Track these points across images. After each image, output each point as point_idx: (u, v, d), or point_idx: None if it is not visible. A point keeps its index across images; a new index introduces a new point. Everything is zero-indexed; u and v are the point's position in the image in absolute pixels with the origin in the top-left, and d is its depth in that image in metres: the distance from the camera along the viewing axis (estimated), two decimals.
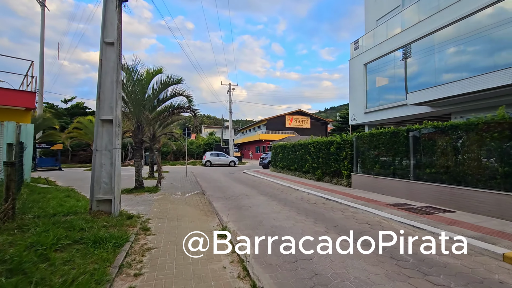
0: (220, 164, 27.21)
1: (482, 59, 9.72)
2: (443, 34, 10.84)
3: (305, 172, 13.91)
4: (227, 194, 9.58)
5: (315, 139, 13.00)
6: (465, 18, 9.98)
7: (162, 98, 9.84)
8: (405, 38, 12.58)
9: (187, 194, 8.85)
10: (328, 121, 46.97)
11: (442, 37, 10.88)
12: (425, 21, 11.51)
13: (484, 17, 9.47)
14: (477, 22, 9.64)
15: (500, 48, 9.20)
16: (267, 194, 9.47)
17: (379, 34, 14.76)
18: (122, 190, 9.16)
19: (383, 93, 14.43)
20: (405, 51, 12.64)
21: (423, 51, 11.79)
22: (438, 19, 10.89)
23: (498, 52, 9.27)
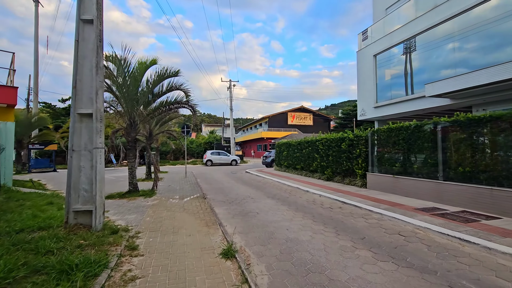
0: (222, 163, 26.33)
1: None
2: (469, 17, 9.87)
3: (313, 172, 13.00)
4: (230, 197, 8.68)
5: (323, 136, 12.08)
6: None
7: (157, 92, 8.92)
8: (419, 25, 11.60)
9: (186, 198, 7.95)
10: (331, 118, 46.02)
11: (465, 22, 9.88)
12: (443, 6, 10.53)
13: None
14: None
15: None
16: (274, 197, 8.57)
17: (390, 23, 13.79)
18: (114, 194, 8.29)
19: (395, 86, 13.47)
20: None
21: (435, 42, 10.82)
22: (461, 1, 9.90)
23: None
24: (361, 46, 15.97)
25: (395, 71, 13.57)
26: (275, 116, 41.23)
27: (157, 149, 18.04)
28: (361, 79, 15.91)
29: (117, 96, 8.15)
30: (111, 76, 7.92)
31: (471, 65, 9.65)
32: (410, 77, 12.50)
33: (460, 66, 10.13)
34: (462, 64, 10.11)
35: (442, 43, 10.64)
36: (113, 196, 8.09)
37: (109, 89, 8.18)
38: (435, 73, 11.14)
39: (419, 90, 11.65)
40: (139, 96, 8.54)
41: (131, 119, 8.43)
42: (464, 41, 9.96)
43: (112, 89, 8.19)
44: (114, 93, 8.18)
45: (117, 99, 8.30)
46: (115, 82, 7.76)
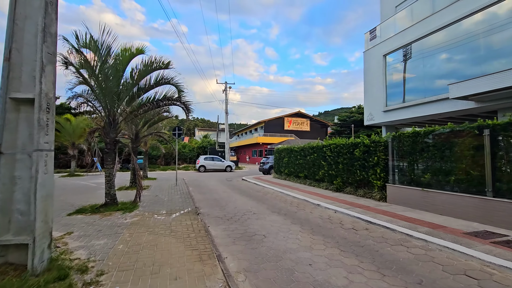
0: (215, 169, 24.87)
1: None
2: (502, 8, 8.84)
3: (319, 181, 11.71)
4: (228, 211, 7.29)
5: (332, 141, 10.83)
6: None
7: (143, 86, 7.55)
8: (436, 22, 10.58)
9: (175, 214, 6.51)
10: (329, 124, 45.12)
11: (497, 15, 8.84)
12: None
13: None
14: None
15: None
16: (280, 212, 7.22)
17: (401, 20, 12.80)
18: (86, 208, 6.80)
19: (408, 88, 12.40)
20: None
21: (455, 41, 9.78)
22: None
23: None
24: (368, 46, 14.95)
25: (408, 73, 12.52)
26: (271, 121, 40.04)
27: (146, 153, 16.51)
28: (368, 81, 14.83)
29: (92, 88, 6.73)
30: (86, 65, 6.51)
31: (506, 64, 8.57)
32: (425, 79, 11.45)
33: (490, 65, 9.06)
34: (492, 64, 9.04)
35: (467, 40, 9.58)
36: (84, 210, 6.60)
37: (84, 81, 6.77)
38: (453, 75, 10.08)
39: (434, 94, 10.59)
40: (121, 90, 7.15)
41: (111, 117, 7.01)
42: (499, 36, 8.87)
43: (87, 81, 6.78)
44: (89, 85, 6.76)
45: (92, 91, 6.88)
46: (90, 71, 6.34)
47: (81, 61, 6.07)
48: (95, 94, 6.90)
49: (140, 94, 7.45)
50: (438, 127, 6.69)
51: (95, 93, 6.85)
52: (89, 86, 6.82)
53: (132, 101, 7.47)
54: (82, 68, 6.72)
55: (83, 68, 6.74)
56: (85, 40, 6.06)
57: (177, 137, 12.27)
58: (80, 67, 6.69)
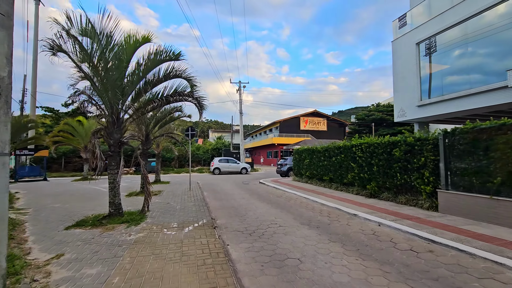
0: (230, 172, 23.94)
1: None
2: None
3: (347, 185, 10.45)
4: (249, 222, 6.23)
5: (363, 140, 9.56)
6: None
7: (151, 80, 6.62)
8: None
9: (188, 228, 5.50)
10: (347, 123, 43.31)
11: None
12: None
13: None
14: None
15: None
16: (311, 224, 6.09)
17: (437, 4, 11.35)
18: (88, 219, 5.92)
19: (449, 79, 10.94)
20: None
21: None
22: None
23: None
24: (397, 35, 13.52)
25: (445, 63, 11.05)
26: (286, 121, 38.76)
27: (159, 155, 15.76)
28: (398, 74, 13.40)
29: (91, 81, 5.85)
30: (85, 56, 5.63)
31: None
32: (469, 68, 9.96)
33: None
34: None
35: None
36: (85, 223, 5.72)
37: (83, 73, 5.91)
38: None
39: (479, 84, 9.12)
40: (126, 84, 6.25)
41: (114, 115, 6.12)
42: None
43: (87, 75, 5.91)
44: (88, 77, 5.89)
45: (93, 87, 6.01)
46: (89, 60, 5.46)
47: (75, 48, 5.16)
48: (95, 89, 6.02)
49: (147, 88, 6.53)
50: (508, 120, 5.36)
51: (95, 88, 5.98)
52: (88, 79, 5.95)
53: (139, 97, 6.57)
54: (83, 61, 5.87)
55: (83, 62, 5.88)
56: (81, 25, 5.17)
57: (190, 138, 11.36)
58: (82, 61, 5.84)
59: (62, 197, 10.29)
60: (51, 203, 8.77)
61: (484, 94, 9.04)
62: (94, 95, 6.66)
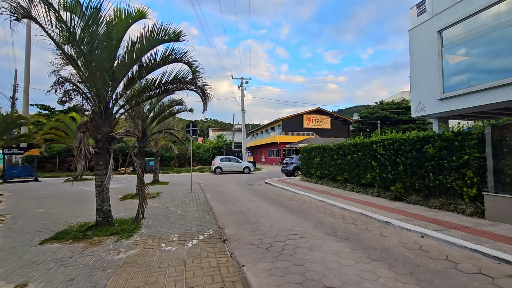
0: (232, 171, 22.95)
1: None
2: None
3: (365, 186, 9.46)
4: (263, 232, 5.23)
5: (386, 136, 8.57)
6: None
7: (147, 63, 5.60)
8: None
9: (191, 242, 4.48)
10: (351, 121, 42.31)
11: None
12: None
13: None
14: None
15: None
16: (337, 234, 5.11)
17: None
18: (70, 230, 4.91)
19: (476, 69, 9.93)
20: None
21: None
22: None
23: None
24: (415, 23, 12.51)
25: (473, 51, 10.03)
26: (289, 119, 37.71)
27: (157, 154, 14.73)
28: (416, 65, 12.39)
29: (75, 64, 4.83)
30: (63, 29, 4.59)
31: None
32: (501, 56, 8.95)
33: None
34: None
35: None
36: (66, 235, 4.70)
37: (64, 54, 4.89)
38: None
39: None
40: (117, 67, 5.24)
41: (102, 104, 5.10)
42: None
43: (68, 55, 4.88)
44: (71, 60, 4.87)
45: (76, 70, 4.98)
46: (68, 34, 4.42)
47: (48, 15, 4.11)
48: (78, 73, 5.00)
49: (142, 74, 5.51)
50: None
51: (79, 71, 4.95)
52: (69, 60, 4.91)
53: (132, 84, 5.54)
54: (65, 43, 4.84)
55: (66, 43, 4.84)
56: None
57: (191, 134, 10.35)
58: (63, 42, 4.81)
59: (49, 200, 9.27)
60: (35, 208, 7.76)
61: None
62: (81, 83, 5.66)
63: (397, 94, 52.89)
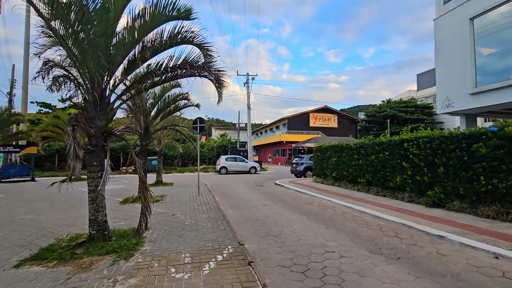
0: (238, 171, 22.02)
1: None
2: None
3: (392, 189, 8.47)
4: (292, 249, 4.27)
5: (421, 134, 7.58)
6: None
7: (150, 44, 4.65)
8: None
9: (207, 266, 3.51)
10: (359, 120, 41.23)
11: None
12: None
13: None
14: None
15: None
16: (383, 252, 4.14)
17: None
18: (57, 246, 3.96)
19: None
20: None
21: None
22: None
23: None
24: (441, 11, 11.49)
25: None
26: (295, 117, 36.67)
27: (160, 153, 13.80)
28: (442, 57, 11.37)
29: (64, 43, 3.88)
30: (57, 10, 3.65)
31: None
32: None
33: None
34: None
35: None
36: (50, 253, 3.77)
37: (49, 28, 3.94)
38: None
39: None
40: (115, 47, 4.29)
41: (96, 92, 4.15)
42: None
43: (54, 30, 3.93)
44: (57, 36, 3.92)
45: (65, 50, 4.04)
46: (64, 19, 3.48)
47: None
48: (68, 54, 4.05)
49: (145, 56, 4.55)
50: None
51: (69, 52, 4.00)
52: (56, 37, 3.97)
53: (133, 67, 4.58)
54: (52, 18, 3.90)
55: (54, 19, 3.90)
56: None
57: (198, 131, 9.40)
58: (51, 18, 3.87)
59: (42, 203, 8.38)
60: (24, 213, 6.86)
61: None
62: (72, 67, 4.72)
63: (404, 93, 51.77)
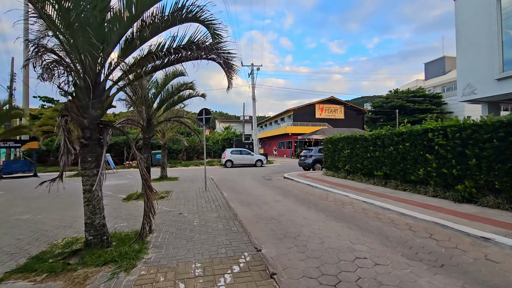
0: (244, 164, 21.51)
1: None
2: None
3: (413, 183, 7.87)
4: (317, 254, 3.72)
5: (448, 122, 6.92)
6: None
7: (150, 21, 4.03)
8: None
9: (222, 279, 2.98)
10: (365, 110, 40.30)
11: None
12: None
13: None
14: None
15: None
16: (422, 258, 3.59)
17: None
18: (50, 254, 3.45)
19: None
20: None
21: None
22: None
23: None
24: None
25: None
26: (301, 109, 35.83)
27: (164, 146, 13.29)
28: (464, 40, 10.57)
29: (50, 21, 3.29)
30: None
31: None
32: None
33: None
34: None
35: None
36: (41, 263, 3.27)
37: (36, 8, 3.36)
38: None
39: None
40: (109, 24, 3.68)
41: (88, 77, 3.58)
42: None
43: (36, 5, 3.34)
44: (40, 13, 3.33)
45: (51, 29, 3.46)
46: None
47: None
48: (54, 33, 3.47)
49: (143, 35, 3.94)
50: None
51: (55, 31, 3.42)
52: (39, 14, 3.38)
53: (131, 48, 3.98)
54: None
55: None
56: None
57: (204, 123, 8.83)
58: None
59: (41, 201, 7.96)
60: (20, 213, 6.41)
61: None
62: (62, 51, 4.14)
63: (412, 82, 50.48)
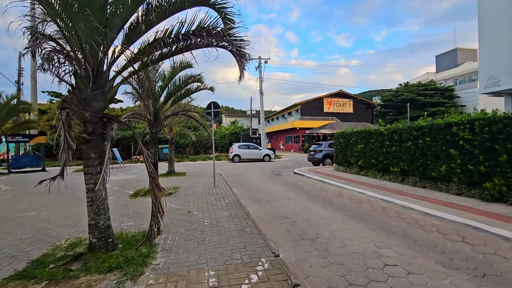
0: (251, 159, 21.22)
1: None
2: None
3: (434, 179, 7.43)
4: (340, 260, 3.40)
5: (474, 116, 6.43)
6: None
7: (156, 3, 3.67)
8: None
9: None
10: (375, 104, 39.41)
11: None
12: None
13: None
14: None
15: None
16: (459, 266, 3.25)
17: None
18: (48, 259, 3.18)
19: None
20: None
21: None
22: None
23: None
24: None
25: None
26: (309, 103, 35.18)
27: (172, 141, 13.05)
28: (486, 28, 9.91)
29: (50, 7, 2.97)
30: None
31: None
32: None
33: None
34: None
35: None
36: (40, 268, 3.01)
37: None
38: None
39: None
40: (112, 7, 3.34)
41: (90, 66, 3.26)
42: None
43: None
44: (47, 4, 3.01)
45: (48, 13, 3.14)
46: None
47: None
48: (52, 18, 3.15)
49: (149, 19, 3.59)
50: None
51: (52, 15, 3.10)
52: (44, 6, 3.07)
53: (135, 35, 3.64)
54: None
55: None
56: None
57: (212, 117, 8.50)
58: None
59: (47, 197, 7.78)
60: (25, 209, 6.23)
61: None
62: (61, 38, 3.83)
63: (422, 75, 49.09)
